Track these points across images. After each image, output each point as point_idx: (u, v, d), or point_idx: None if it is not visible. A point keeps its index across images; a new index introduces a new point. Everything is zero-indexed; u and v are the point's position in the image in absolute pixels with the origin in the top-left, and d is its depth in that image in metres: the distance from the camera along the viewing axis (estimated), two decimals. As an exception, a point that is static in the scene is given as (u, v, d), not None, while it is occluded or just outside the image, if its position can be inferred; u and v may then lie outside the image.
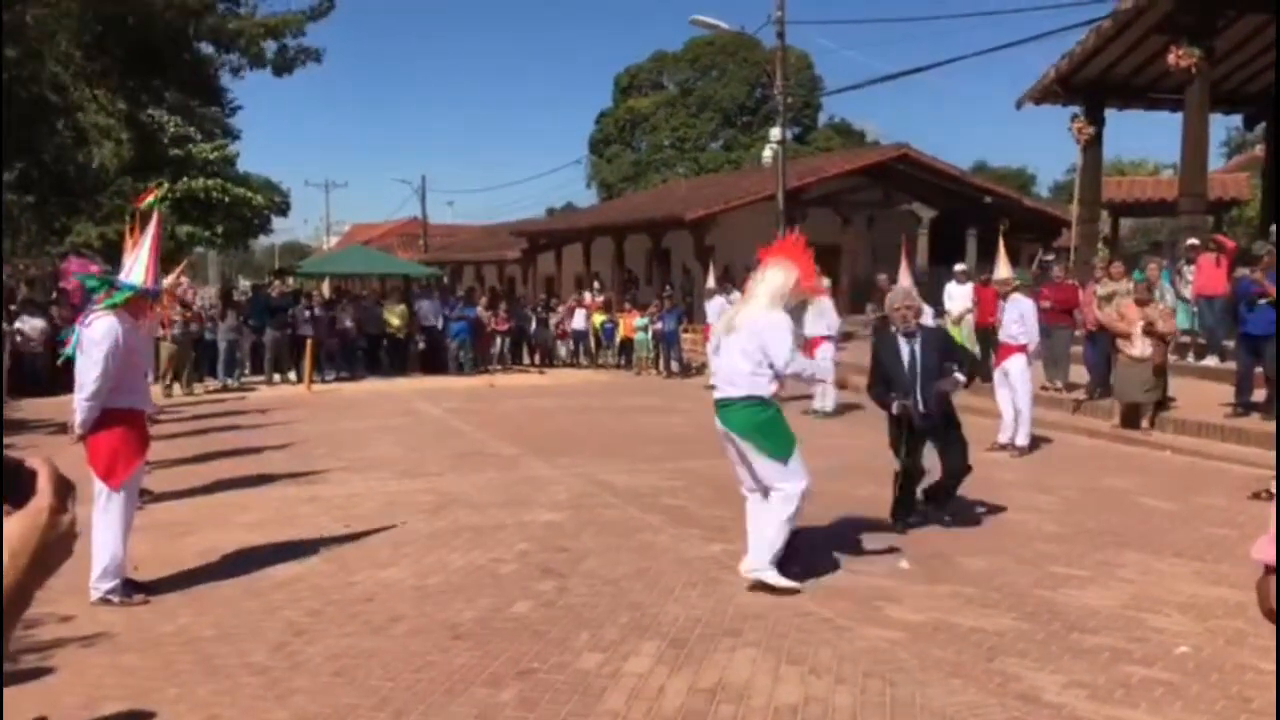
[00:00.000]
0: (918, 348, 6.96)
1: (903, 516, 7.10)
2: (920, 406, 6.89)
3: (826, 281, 14.86)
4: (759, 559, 5.63)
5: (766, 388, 5.59)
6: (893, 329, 7.21)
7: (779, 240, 5.86)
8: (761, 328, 5.56)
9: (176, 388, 16.49)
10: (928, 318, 11.87)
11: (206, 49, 18.58)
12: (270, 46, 18.49)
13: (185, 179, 18.68)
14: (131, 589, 5.49)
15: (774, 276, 5.70)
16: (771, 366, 5.54)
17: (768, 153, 22.67)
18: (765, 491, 5.70)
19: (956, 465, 7.09)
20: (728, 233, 25.59)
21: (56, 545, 1.11)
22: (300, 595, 5.62)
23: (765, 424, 5.60)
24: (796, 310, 6.14)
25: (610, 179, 49.68)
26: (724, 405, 5.69)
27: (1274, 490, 7.61)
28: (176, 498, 8.10)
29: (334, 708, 4.12)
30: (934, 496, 7.20)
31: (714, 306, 17.95)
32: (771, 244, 6.06)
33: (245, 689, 4.32)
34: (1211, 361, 13.40)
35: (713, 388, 5.93)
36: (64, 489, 1.12)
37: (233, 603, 5.49)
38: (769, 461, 5.62)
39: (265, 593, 5.67)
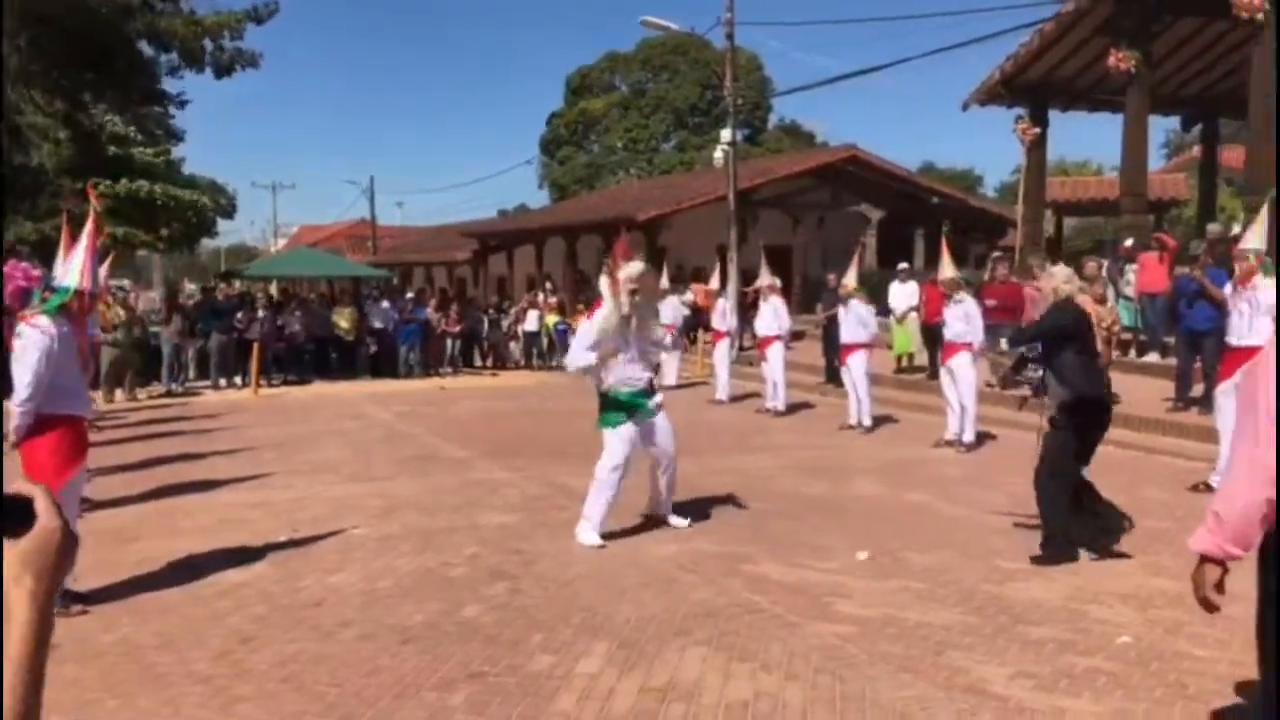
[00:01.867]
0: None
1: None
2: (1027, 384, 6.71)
3: (778, 282, 15.00)
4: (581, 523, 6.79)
5: (599, 377, 6.86)
6: None
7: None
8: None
9: (119, 393, 16.18)
10: (867, 315, 12.00)
11: (147, 49, 18.28)
12: (207, 47, 18.26)
13: (125, 180, 18.30)
14: (70, 599, 5.36)
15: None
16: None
17: (719, 154, 22.74)
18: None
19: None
20: (680, 233, 25.65)
21: (65, 567, 1.10)
22: (246, 601, 5.54)
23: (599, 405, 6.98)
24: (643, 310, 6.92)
25: (563, 180, 49.55)
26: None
27: (1210, 482, 7.79)
28: (118, 505, 7.93)
29: (280, 715, 4.06)
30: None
31: (667, 307, 17.98)
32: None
33: (189, 698, 4.24)
34: (1153, 358, 13.67)
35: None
36: (60, 510, 1.11)
37: (176, 610, 5.38)
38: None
39: (210, 600, 5.57)
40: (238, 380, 18.23)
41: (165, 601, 5.54)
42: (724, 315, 15.63)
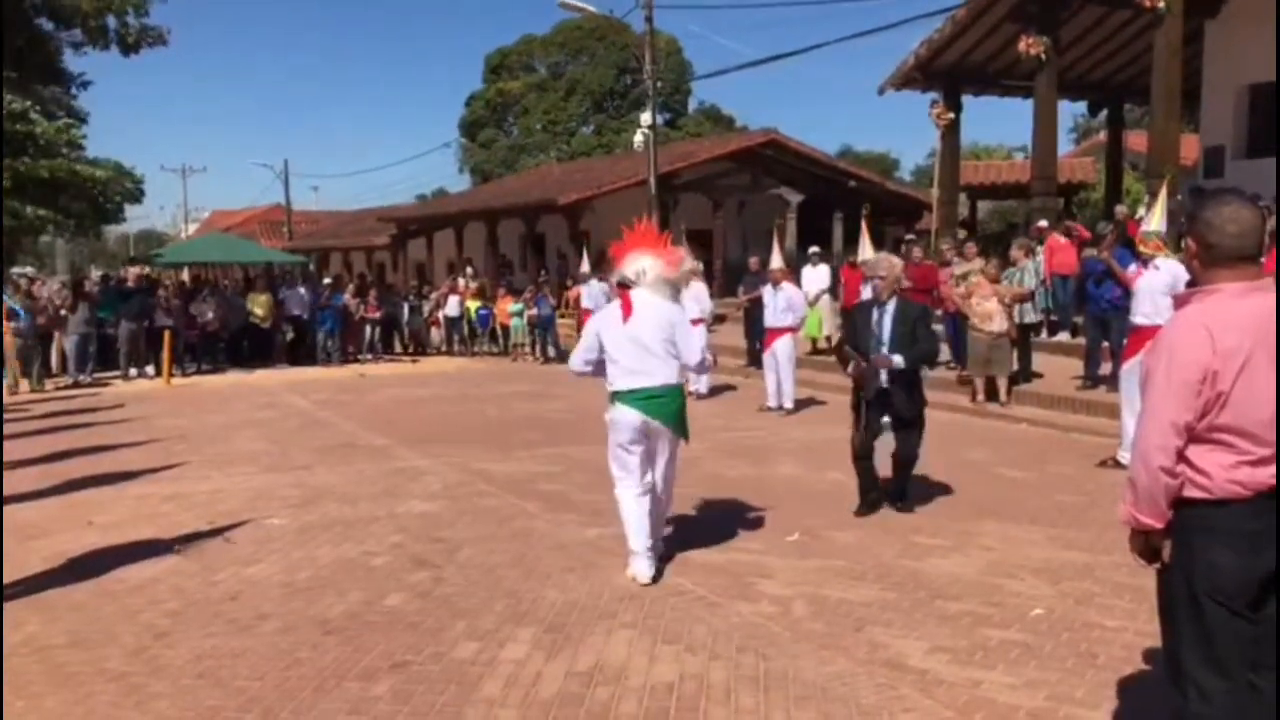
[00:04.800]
0: (887, 318, 6.79)
1: (862, 495, 6.95)
2: (880, 379, 6.70)
3: (700, 265, 15.06)
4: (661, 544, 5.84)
5: (680, 376, 5.72)
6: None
7: (631, 234, 5.95)
8: (670, 320, 5.61)
9: (24, 385, 15.63)
10: (796, 299, 12.13)
11: (46, 25, 17.60)
12: (111, 23, 17.66)
13: (26, 158, 17.55)
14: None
15: (652, 266, 5.67)
16: (677, 357, 5.63)
17: (639, 137, 22.70)
18: (654, 484, 5.74)
19: (905, 452, 6.93)
20: (602, 217, 25.59)
21: None
22: (160, 597, 5.40)
23: (684, 412, 5.72)
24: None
25: (483, 164, 49.10)
26: (651, 396, 5.53)
27: (1118, 458, 8.06)
28: (24, 500, 7.66)
29: (197, 711, 3.97)
30: (889, 490, 7.04)
31: (590, 291, 17.95)
32: (624, 239, 5.98)
33: (100, 697, 4.12)
34: (1063, 337, 14.06)
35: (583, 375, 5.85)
36: None
37: (86, 608, 5.23)
38: (677, 448, 5.79)
39: (122, 596, 5.42)
40: (149, 370, 17.72)
41: (74, 599, 5.37)
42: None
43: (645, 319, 5.56)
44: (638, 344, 5.53)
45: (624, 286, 5.70)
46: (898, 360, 6.67)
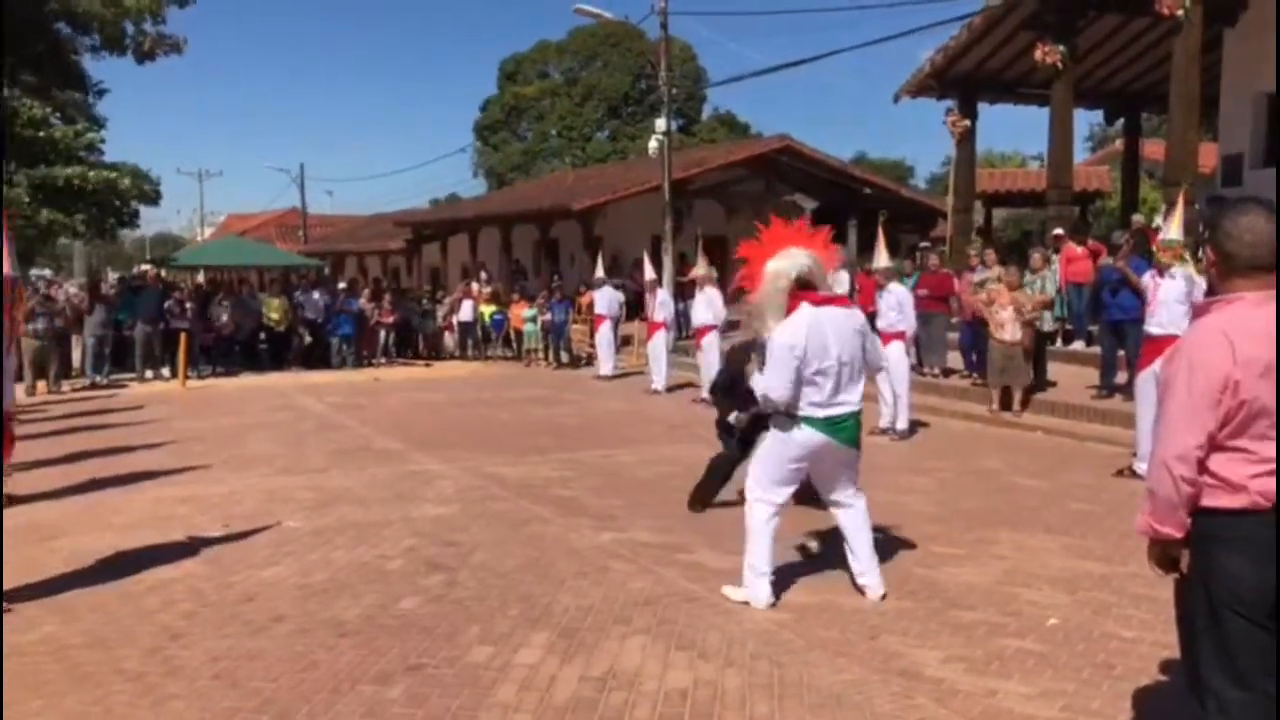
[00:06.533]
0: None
1: (702, 498, 7.39)
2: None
3: (713, 272, 15.06)
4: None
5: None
6: None
7: (772, 231, 5.25)
8: (860, 325, 5.13)
9: (41, 386, 15.73)
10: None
11: (65, 30, 17.75)
12: (128, 30, 17.81)
13: (44, 165, 17.72)
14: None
15: (818, 264, 5.08)
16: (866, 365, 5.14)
17: (653, 143, 22.67)
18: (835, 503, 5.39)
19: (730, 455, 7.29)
20: (615, 223, 25.64)
21: None
22: (176, 598, 5.42)
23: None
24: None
25: (498, 167, 49.21)
26: (844, 421, 5.03)
27: (1135, 468, 8.02)
28: (41, 500, 7.72)
29: (213, 712, 3.98)
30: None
31: (603, 296, 17.96)
32: (764, 237, 5.26)
33: (117, 697, 4.14)
34: (1078, 346, 14.00)
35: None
36: None
37: (103, 608, 5.25)
38: (856, 468, 5.36)
39: (139, 596, 5.45)
40: (165, 372, 17.82)
41: (92, 599, 5.40)
42: (661, 306, 15.65)
43: (843, 328, 4.99)
44: (841, 361, 4.95)
45: (806, 287, 4.97)
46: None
